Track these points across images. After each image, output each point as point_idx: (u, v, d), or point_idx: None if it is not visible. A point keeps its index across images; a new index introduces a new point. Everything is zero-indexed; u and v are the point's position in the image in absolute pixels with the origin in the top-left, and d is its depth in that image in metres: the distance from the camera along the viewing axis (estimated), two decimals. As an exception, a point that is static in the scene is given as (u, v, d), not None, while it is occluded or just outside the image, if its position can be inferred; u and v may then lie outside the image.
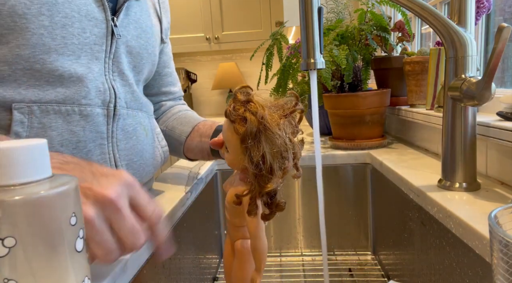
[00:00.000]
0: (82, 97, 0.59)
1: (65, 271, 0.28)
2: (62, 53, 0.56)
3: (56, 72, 0.56)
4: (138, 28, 0.69)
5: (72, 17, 0.57)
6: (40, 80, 0.56)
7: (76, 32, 0.58)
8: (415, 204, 0.72)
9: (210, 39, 3.05)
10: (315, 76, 0.62)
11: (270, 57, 1.20)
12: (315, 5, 0.59)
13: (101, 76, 0.62)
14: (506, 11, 1.03)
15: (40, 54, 0.55)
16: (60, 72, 0.57)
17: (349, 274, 1.01)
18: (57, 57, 0.56)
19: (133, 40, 0.68)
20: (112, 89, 0.63)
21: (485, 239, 0.47)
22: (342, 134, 1.13)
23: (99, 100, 0.62)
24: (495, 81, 0.58)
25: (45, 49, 0.55)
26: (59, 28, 0.55)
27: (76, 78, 0.58)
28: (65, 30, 0.56)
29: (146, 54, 0.72)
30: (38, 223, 0.27)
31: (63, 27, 0.56)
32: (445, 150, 0.66)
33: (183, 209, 0.76)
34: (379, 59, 1.22)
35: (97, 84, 0.61)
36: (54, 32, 0.55)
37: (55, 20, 0.55)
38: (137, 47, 0.69)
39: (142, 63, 0.72)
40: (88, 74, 0.60)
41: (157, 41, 0.77)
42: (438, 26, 0.63)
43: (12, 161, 0.27)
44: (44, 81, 0.56)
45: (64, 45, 0.56)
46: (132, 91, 0.69)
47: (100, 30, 0.61)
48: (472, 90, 0.59)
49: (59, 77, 0.57)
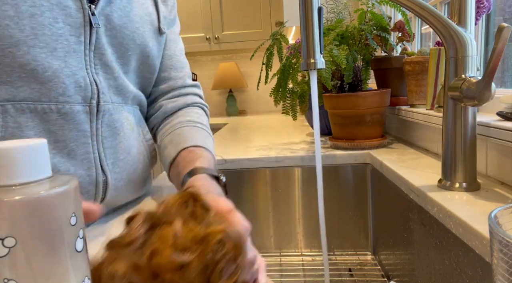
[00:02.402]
0: (59, 94, 0.55)
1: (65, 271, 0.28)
2: (33, 45, 0.52)
3: (28, 66, 0.53)
4: (123, 17, 0.64)
5: (40, 6, 0.53)
6: (11, 75, 0.52)
7: (47, 22, 0.53)
8: (415, 204, 0.72)
9: (210, 39, 3.05)
10: (315, 76, 0.61)
11: (270, 57, 1.20)
12: (315, 5, 0.59)
13: (81, 70, 0.58)
14: (506, 11, 1.03)
15: (8, 47, 0.51)
16: (33, 67, 0.53)
17: (349, 274, 1.01)
18: (27, 49, 0.52)
19: (115, 29, 0.63)
20: (94, 84, 0.59)
21: (485, 239, 0.47)
22: (342, 134, 1.13)
23: (79, 96, 0.58)
24: (495, 81, 0.58)
25: (13, 41, 0.51)
26: (26, 18, 0.52)
27: (51, 72, 0.54)
28: (34, 20, 0.52)
29: (133, 45, 0.66)
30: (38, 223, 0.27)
31: (32, 17, 0.52)
32: (445, 150, 0.66)
33: (183, 209, 0.76)
34: (379, 59, 1.22)
35: (76, 79, 0.57)
36: (21, 23, 0.51)
37: (21, 10, 0.51)
38: (120, 38, 0.64)
39: (128, 55, 0.66)
40: (64, 69, 0.56)
41: (150, 31, 0.70)
42: (438, 26, 0.63)
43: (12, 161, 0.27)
44: (16, 77, 0.53)
45: (35, 36, 0.52)
46: (117, 85, 0.64)
47: (76, 19, 0.56)
48: (472, 90, 0.59)
49: (32, 72, 0.53)
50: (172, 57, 0.80)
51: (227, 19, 3.03)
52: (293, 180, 1.11)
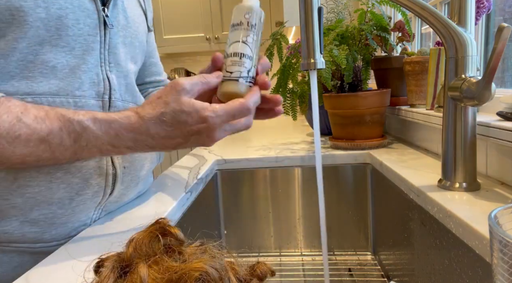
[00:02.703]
0: (76, 88, 0.59)
1: None
2: (56, 45, 0.56)
3: (49, 64, 0.56)
4: (127, 17, 0.69)
5: (66, 8, 0.56)
6: (33, 71, 0.55)
7: (71, 23, 0.57)
8: (415, 204, 0.72)
9: (210, 39, 3.05)
10: (315, 76, 0.61)
11: (270, 57, 1.19)
12: (315, 5, 0.59)
13: (96, 67, 0.61)
14: (506, 11, 1.03)
15: (34, 46, 0.54)
16: (53, 64, 0.56)
17: (349, 274, 1.01)
18: (50, 48, 0.55)
19: (124, 30, 0.67)
20: (107, 80, 0.63)
21: (485, 239, 0.47)
22: (342, 134, 1.13)
23: (93, 91, 0.61)
24: (495, 81, 0.58)
25: (39, 41, 0.54)
26: (54, 20, 0.55)
27: (69, 69, 0.58)
28: (60, 21, 0.56)
29: (138, 43, 0.72)
30: None
31: (58, 19, 0.55)
32: (445, 150, 0.66)
33: (183, 209, 0.76)
34: (379, 59, 1.22)
35: (91, 75, 0.60)
36: (49, 24, 0.55)
37: (50, 12, 0.54)
38: (128, 37, 0.69)
39: (137, 53, 0.72)
40: (82, 66, 0.59)
41: (144, 30, 0.77)
42: (438, 26, 0.63)
43: None
44: (37, 73, 0.55)
45: (58, 36, 0.56)
46: (127, 83, 0.68)
47: (93, 20, 0.60)
48: (472, 90, 0.59)
49: (52, 69, 0.56)
50: (157, 64, 0.90)
51: (227, 19, 3.03)
52: (293, 180, 1.11)
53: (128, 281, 0.31)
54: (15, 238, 0.58)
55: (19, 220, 0.57)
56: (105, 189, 0.63)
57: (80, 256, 0.51)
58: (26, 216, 0.58)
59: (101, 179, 0.62)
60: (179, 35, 2.95)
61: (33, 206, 0.57)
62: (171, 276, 0.30)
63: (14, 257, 0.59)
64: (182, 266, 0.31)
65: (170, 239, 0.34)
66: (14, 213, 0.57)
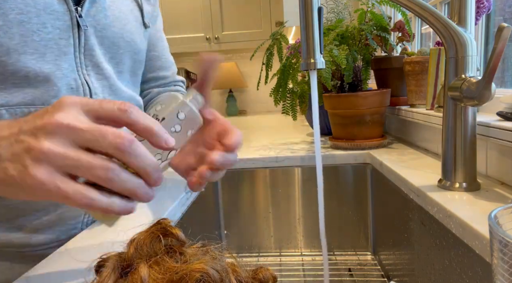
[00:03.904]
0: (52, 96, 0.56)
1: None
2: (23, 52, 0.53)
3: (20, 73, 0.53)
4: (109, 15, 0.64)
5: (28, 13, 0.53)
6: (5, 83, 0.53)
7: (36, 28, 0.53)
8: (415, 204, 0.72)
9: (210, 39, 3.05)
10: (315, 76, 0.61)
11: (270, 57, 1.20)
12: (315, 5, 0.59)
13: (72, 73, 0.58)
14: (506, 11, 1.03)
15: (0, 56, 0.51)
16: (24, 73, 0.53)
17: (349, 274, 1.01)
18: (18, 57, 0.52)
19: (104, 29, 0.63)
20: (86, 85, 0.60)
21: (485, 239, 0.47)
22: (342, 135, 1.13)
23: None
24: (495, 81, 0.58)
25: (3, 50, 0.51)
26: (15, 26, 0.52)
27: (43, 77, 0.55)
28: (23, 27, 0.52)
29: (124, 43, 0.67)
30: None
31: (20, 24, 0.52)
32: (445, 150, 0.66)
33: (183, 209, 0.76)
34: (379, 59, 1.22)
35: (68, 81, 0.57)
36: (10, 31, 0.51)
37: (9, 18, 0.51)
38: (110, 37, 0.64)
39: (120, 53, 0.67)
40: (56, 72, 0.56)
41: (137, 28, 0.71)
42: (438, 26, 0.63)
43: None
44: (10, 84, 0.53)
45: (24, 43, 0.53)
46: (111, 84, 0.64)
47: (63, 23, 0.56)
48: (472, 90, 0.59)
49: (24, 78, 0.53)
50: (161, 58, 0.83)
51: (227, 19, 3.03)
52: (293, 180, 1.11)
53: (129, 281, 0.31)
54: (1, 243, 0.57)
55: (5, 226, 0.56)
56: None
57: (80, 256, 0.51)
58: (12, 223, 0.56)
59: None
60: (179, 35, 2.95)
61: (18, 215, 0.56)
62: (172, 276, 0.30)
63: (4, 260, 0.59)
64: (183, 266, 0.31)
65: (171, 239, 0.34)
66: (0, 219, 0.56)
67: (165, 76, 0.84)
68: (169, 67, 0.85)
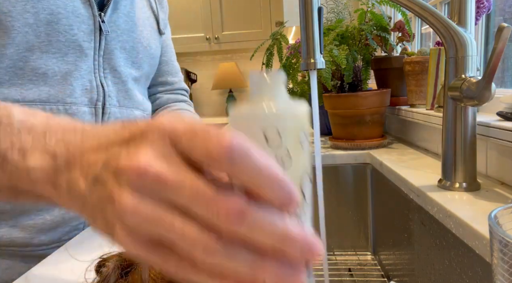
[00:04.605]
0: (67, 95, 0.57)
1: None
2: (46, 51, 0.54)
3: (39, 71, 0.55)
4: (129, 21, 0.67)
5: (58, 14, 0.55)
6: (23, 78, 0.54)
7: (63, 29, 0.55)
8: (415, 204, 0.72)
9: (210, 39, 3.05)
10: (315, 76, 0.61)
11: (270, 57, 1.20)
12: (315, 5, 0.59)
13: (89, 74, 0.60)
14: (506, 11, 1.03)
15: (24, 52, 0.53)
16: (44, 71, 0.55)
17: (349, 274, 1.01)
18: (40, 55, 0.54)
19: (124, 34, 0.65)
20: (101, 87, 0.61)
21: (485, 239, 0.47)
22: (342, 135, 1.13)
23: (86, 98, 0.59)
24: (495, 81, 0.58)
25: (28, 47, 0.53)
26: (43, 25, 0.54)
27: (60, 76, 0.56)
28: (50, 27, 0.54)
29: (142, 48, 0.69)
30: None
31: (48, 25, 0.54)
32: (445, 150, 0.66)
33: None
34: (379, 59, 1.22)
35: (83, 82, 0.59)
36: (38, 30, 0.53)
37: (40, 18, 0.53)
38: (130, 42, 0.67)
39: (140, 58, 0.69)
40: (74, 72, 0.58)
41: (153, 34, 0.74)
42: (438, 26, 0.63)
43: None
44: (27, 80, 0.54)
45: (49, 42, 0.55)
46: (126, 89, 0.66)
47: (88, 26, 0.59)
48: (472, 90, 0.59)
49: (42, 76, 0.55)
50: (168, 63, 0.86)
51: (227, 19, 3.03)
52: (293, 180, 1.11)
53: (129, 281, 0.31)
54: (4, 242, 0.57)
55: (8, 225, 0.57)
56: None
57: (80, 256, 0.51)
58: (16, 221, 0.57)
59: None
60: (179, 35, 2.95)
61: (22, 213, 0.57)
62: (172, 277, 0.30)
63: (5, 259, 0.59)
64: None
65: None
66: (4, 218, 0.56)
67: (173, 82, 0.87)
68: (176, 73, 0.88)
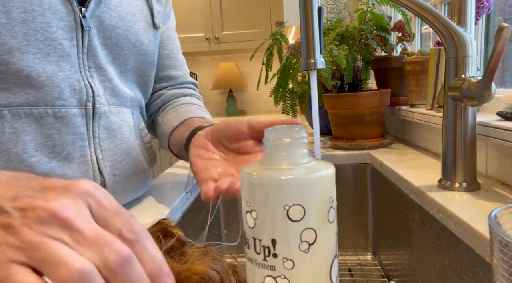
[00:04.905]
0: (55, 98, 0.56)
1: None
2: (26, 51, 0.53)
3: (22, 73, 0.53)
4: (115, 17, 0.64)
5: (32, 12, 0.53)
6: (7, 82, 0.52)
7: (40, 27, 0.53)
8: (415, 204, 0.72)
9: (210, 39, 3.05)
10: (315, 76, 0.61)
11: (270, 57, 1.20)
12: (315, 5, 0.59)
13: (75, 74, 0.58)
14: (506, 11, 1.03)
15: (3, 54, 0.51)
16: (27, 72, 0.53)
17: (349, 274, 1.01)
18: (21, 56, 0.52)
19: (107, 30, 0.62)
20: (89, 86, 0.59)
21: (485, 239, 0.47)
22: (342, 134, 1.13)
23: (75, 100, 0.58)
24: (495, 81, 0.58)
25: (6, 48, 0.51)
26: (18, 25, 0.51)
27: (45, 77, 0.54)
28: (26, 26, 0.52)
29: (128, 44, 0.66)
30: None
31: (24, 23, 0.52)
32: (445, 150, 0.66)
33: (183, 209, 0.76)
34: (379, 59, 1.22)
35: (71, 82, 0.57)
36: (14, 29, 0.51)
37: (13, 16, 0.51)
38: (113, 38, 0.64)
39: (124, 54, 0.66)
40: (59, 73, 0.56)
41: (146, 28, 0.71)
42: (438, 26, 0.63)
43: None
44: (12, 83, 0.53)
45: (27, 42, 0.52)
46: (113, 86, 0.64)
47: (67, 23, 0.56)
48: (472, 90, 0.59)
49: (26, 78, 0.53)
50: (171, 56, 0.82)
51: (227, 19, 3.03)
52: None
53: None
54: None
55: None
56: None
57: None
58: None
59: None
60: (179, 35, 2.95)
61: None
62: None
63: None
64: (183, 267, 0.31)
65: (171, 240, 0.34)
66: None
67: (176, 76, 0.83)
68: (180, 67, 0.84)
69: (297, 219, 0.29)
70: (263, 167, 0.31)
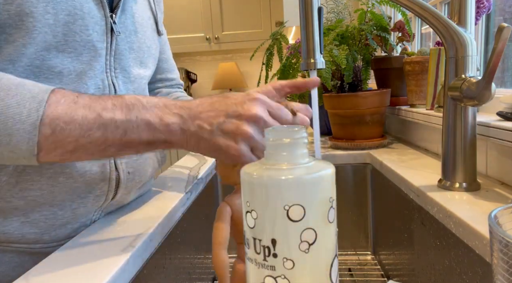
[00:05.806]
0: None
1: None
2: (62, 50, 0.56)
3: (55, 69, 0.56)
4: (134, 23, 0.69)
5: (75, 15, 0.56)
6: (39, 77, 0.55)
7: (79, 30, 0.57)
8: (415, 204, 0.72)
9: (210, 39, 3.05)
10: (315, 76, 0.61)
11: (270, 57, 1.20)
12: (315, 5, 0.59)
13: (101, 74, 0.62)
14: (506, 11, 1.03)
15: (41, 51, 0.54)
16: (60, 69, 0.56)
17: (349, 274, 1.01)
18: (57, 54, 0.56)
19: (132, 35, 0.68)
20: (112, 86, 0.63)
21: (485, 239, 0.47)
22: (342, 134, 1.13)
23: None
24: (495, 81, 0.58)
25: (45, 45, 0.54)
26: (61, 26, 0.55)
27: (75, 75, 0.58)
28: (67, 27, 0.56)
29: (146, 48, 0.72)
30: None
31: (65, 25, 0.56)
32: (445, 150, 0.66)
33: (183, 209, 0.76)
34: (379, 59, 1.22)
35: (96, 81, 0.61)
36: (56, 30, 0.55)
37: (58, 18, 0.55)
38: (136, 42, 0.69)
39: (146, 58, 0.72)
40: (88, 72, 0.59)
41: (153, 34, 0.76)
42: (438, 26, 0.63)
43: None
44: (43, 78, 0.55)
45: (65, 42, 0.56)
46: (135, 88, 0.68)
47: (100, 27, 0.61)
48: (472, 90, 0.59)
49: (58, 74, 0.56)
50: (168, 61, 0.89)
51: (227, 19, 3.03)
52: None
53: None
54: (14, 238, 0.58)
55: (20, 220, 0.57)
56: (107, 194, 0.63)
57: (80, 256, 0.51)
58: (27, 217, 0.58)
59: (104, 183, 0.62)
60: (179, 35, 2.95)
61: (35, 207, 0.57)
62: None
63: (13, 257, 0.59)
64: None
65: None
66: (16, 214, 0.57)
67: (172, 79, 0.90)
68: (173, 71, 0.92)
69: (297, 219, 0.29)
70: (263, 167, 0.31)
